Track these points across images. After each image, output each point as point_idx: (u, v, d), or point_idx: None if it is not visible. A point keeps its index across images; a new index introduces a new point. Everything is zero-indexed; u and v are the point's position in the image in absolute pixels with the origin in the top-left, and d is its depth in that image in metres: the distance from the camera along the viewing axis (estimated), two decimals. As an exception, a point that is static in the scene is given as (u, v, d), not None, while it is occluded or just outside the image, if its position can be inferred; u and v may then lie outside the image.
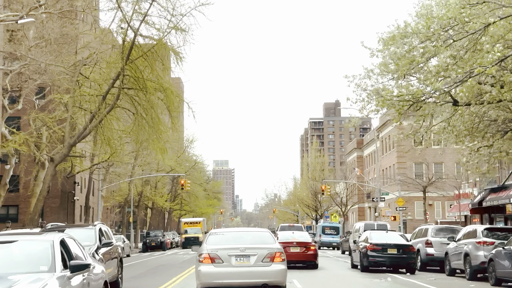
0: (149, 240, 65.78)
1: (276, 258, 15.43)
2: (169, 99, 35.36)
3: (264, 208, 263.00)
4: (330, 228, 66.65)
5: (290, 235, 31.93)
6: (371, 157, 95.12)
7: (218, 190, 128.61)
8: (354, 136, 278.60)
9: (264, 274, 15.25)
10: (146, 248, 65.41)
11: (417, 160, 75.05)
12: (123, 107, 36.48)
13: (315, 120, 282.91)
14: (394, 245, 26.48)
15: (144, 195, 74.17)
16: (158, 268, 30.73)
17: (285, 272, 15.64)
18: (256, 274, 15.21)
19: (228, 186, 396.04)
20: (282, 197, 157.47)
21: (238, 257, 15.29)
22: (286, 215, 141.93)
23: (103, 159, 43.34)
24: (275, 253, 15.49)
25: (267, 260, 15.36)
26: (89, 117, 34.82)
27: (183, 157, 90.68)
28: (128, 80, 34.54)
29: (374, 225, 43.46)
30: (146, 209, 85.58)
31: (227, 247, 15.56)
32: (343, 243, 51.34)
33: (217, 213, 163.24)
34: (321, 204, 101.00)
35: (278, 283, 15.52)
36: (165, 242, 66.38)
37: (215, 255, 15.32)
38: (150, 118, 34.89)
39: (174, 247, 77.66)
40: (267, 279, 15.27)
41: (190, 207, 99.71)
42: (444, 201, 74.46)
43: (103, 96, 34.23)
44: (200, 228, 74.86)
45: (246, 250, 15.34)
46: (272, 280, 15.35)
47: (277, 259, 15.44)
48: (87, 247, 15.83)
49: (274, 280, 15.38)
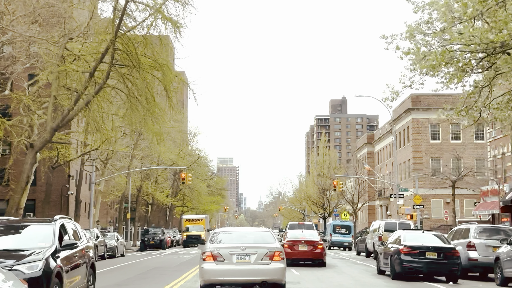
0: (148, 238, 61.43)
1: (275, 257, 16.08)
2: (167, 77, 30.90)
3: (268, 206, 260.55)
4: (342, 226, 62.19)
5: (299, 233, 32.07)
6: (384, 152, 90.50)
7: (222, 187, 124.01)
8: (361, 133, 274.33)
9: (263, 272, 15.90)
10: (145, 247, 61.09)
11: (434, 156, 70.51)
12: (114, 87, 32.07)
13: (321, 117, 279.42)
14: (434, 248, 21.90)
15: (144, 190, 69.72)
16: (150, 273, 26.30)
17: (283, 270, 16.21)
18: (256, 272, 15.89)
19: (232, 184, 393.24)
20: (288, 195, 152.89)
21: (239, 255, 15.99)
22: (292, 213, 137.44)
23: (93, 147, 38.78)
24: (274, 252, 16.11)
25: (266, 258, 15.99)
26: (74, 98, 30.34)
27: (186, 151, 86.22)
28: (119, 55, 30.11)
29: (396, 224, 38.93)
30: (147, 206, 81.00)
31: (228, 246, 16.25)
32: (359, 243, 46.86)
33: (220, 211, 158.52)
34: (330, 201, 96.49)
35: (277, 281, 16.14)
36: (165, 241, 62.01)
37: (217, 253, 16.00)
38: (145, 99, 30.48)
39: (175, 245, 73.30)
40: (266, 277, 15.91)
41: (192, 203, 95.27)
42: (463, 199, 69.85)
43: (90, 73, 29.80)
44: (202, 226, 70.42)
45: (246, 249, 16.04)
46: (271, 278, 15.98)
47: (276, 257, 16.09)
48: (39, 251, 11.43)
49: (273, 278, 16.01)
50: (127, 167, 58.93)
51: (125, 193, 62.10)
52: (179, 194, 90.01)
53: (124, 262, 35.54)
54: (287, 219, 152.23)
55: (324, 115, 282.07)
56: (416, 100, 71.39)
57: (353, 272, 26.86)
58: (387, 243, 24.71)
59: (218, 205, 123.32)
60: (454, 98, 72.28)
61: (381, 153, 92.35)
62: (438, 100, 71.31)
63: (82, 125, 40.77)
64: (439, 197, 70.17)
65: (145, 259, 39.78)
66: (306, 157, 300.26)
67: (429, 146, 70.64)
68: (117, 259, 40.44)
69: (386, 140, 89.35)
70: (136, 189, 68.59)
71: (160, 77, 31.22)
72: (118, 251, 42.80)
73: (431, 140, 70.73)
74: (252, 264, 15.96)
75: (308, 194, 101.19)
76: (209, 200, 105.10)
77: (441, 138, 70.64)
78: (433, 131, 70.78)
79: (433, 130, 70.81)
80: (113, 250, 41.69)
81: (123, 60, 30.10)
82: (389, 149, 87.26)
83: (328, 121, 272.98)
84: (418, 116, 70.98)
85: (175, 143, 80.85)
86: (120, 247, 43.67)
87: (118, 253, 43.04)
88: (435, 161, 70.54)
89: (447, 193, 70.05)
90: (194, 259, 36.73)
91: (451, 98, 73.93)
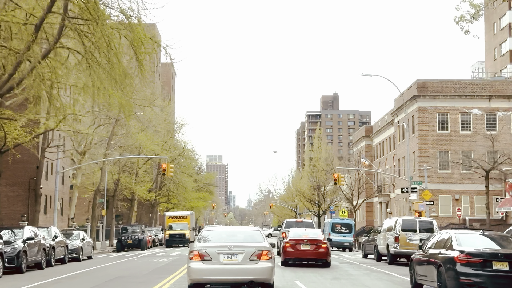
0: (125, 237, 54.75)
1: (263, 256, 15.89)
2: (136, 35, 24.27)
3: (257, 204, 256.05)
4: (342, 225, 55.88)
5: (302, 232, 30.38)
6: (384, 145, 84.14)
7: (211, 182, 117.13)
8: (353, 130, 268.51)
9: (251, 272, 15.73)
10: (122, 247, 54.46)
11: (442, 147, 64.18)
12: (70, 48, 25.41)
13: (312, 113, 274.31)
14: (505, 256, 15.35)
15: (122, 184, 62.94)
16: (108, 284, 19.73)
17: (271, 269, 15.96)
18: (243, 271, 15.71)
19: (221, 182, 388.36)
20: (279, 192, 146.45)
21: (226, 254, 15.82)
22: (283, 211, 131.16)
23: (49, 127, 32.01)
24: (262, 251, 15.96)
25: (254, 258, 15.84)
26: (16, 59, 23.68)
27: (171, 143, 79.42)
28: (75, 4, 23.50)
29: (416, 222, 32.56)
30: (131, 202, 74.01)
31: (216, 245, 16.09)
32: (366, 244, 40.43)
33: (209, 208, 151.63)
34: (325, 198, 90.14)
35: (264, 280, 15.95)
36: (144, 240, 55.37)
37: (204, 252, 15.82)
38: (107, 61, 23.87)
39: (157, 245, 66.66)
40: (253, 276, 15.73)
41: (178, 199, 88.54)
42: (473, 195, 63.67)
43: (36, 26, 23.13)
44: (187, 224, 63.83)
45: (234, 248, 15.86)
46: (258, 278, 15.79)
47: (264, 257, 15.90)
48: None
49: (260, 278, 15.82)
50: (102, 156, 52.21)
51: (99, 187, 55.24)
52: (163, 189, 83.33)
53: (86, 268, 28.93)
54: (278, 217, 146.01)
55: (316, 111, 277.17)
56: (423, 86, 65.10)
57: (379, 285, 20.37)
58: (426, 248, 18.20)
59: (206, 202, 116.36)
60: (463, 85, 66.64)
61: (380, 147, 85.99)
62: (446, 87, 65.16)
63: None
64: (447, 193, 63.93)
65: (114, 263, 33.19)
66: (297, 154, 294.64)
67: (436, 137, 64.32)
68: (81, 263, 33.82)
69: (387, 132, 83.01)
70: (114, 182, 61.85)
71: (128, 36, 24.57)
72: (83, 253, 36.12)
73: (438, 131, 64.41)
74: (240, 263, 15.78)
75: (302, 190, 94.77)
76: (196, 196, 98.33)
77: (449, 129, 64.32)
78: (441, 121, 64.44)
79: (441, 120, 64.48)
80: (76, 252, 35.04)
81: (80, 10, 23.47)
82: (391, 141, 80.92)
83: (320, 118, 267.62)
84: (425, 104, 64.62)
85: (159, 133, 74.10)
86: (86, 249, 36.95)
87: (84, 255, 36.38)
88: (443, 153, 64.24)
89: (456, 189, 63.95)
90: (172, 264, 30.26)
91: (461, 85, 67.98)
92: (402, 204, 71.89)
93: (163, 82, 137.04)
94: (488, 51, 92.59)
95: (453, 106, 64.29)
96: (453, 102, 64.30)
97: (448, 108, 64.35)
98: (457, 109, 64.27)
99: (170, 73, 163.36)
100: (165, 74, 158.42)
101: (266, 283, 16.01)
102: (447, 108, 64.38)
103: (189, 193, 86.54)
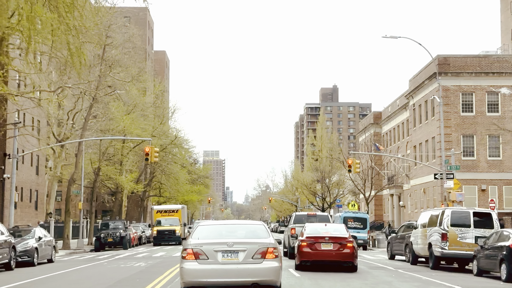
0: (105, 234, 47.11)
1: (268, 254, 13.93)
2: None
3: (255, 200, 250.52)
4: (355, 219, 48.50)
5: (321, 227, 24.21)
6: (396, 132, 76.56)
7: (206, 175, 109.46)
8: (353, 123, 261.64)
9: (254, 272, 13.80)
10: (101, 245, 46.88)
11: (466, 132, 56.56)
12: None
13: (311, 105, 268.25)
14: None
15: (104, 174, 55.30)
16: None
17: (278, 270, 14.02)
18: (245, 272, 13.77)
19: (218, 177, 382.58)
20: (279, 185, 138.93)
21: (225, 253, 13.91)
22: (283, 206, 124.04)
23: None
24: (267, 248, 13.97)
25: (258, 256, 13.88)
26: None
27: (161, 129, 71.64)
28: None
29: (469, 213, 24.87)
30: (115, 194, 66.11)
31: (213, 242, 14.08)
32: (393, 243, 32.86)
33: (204, 203, 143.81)
34: (330, 190, 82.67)
35: (270, 283, 13.97)
36: (127, 237, 47.80)
37: (199, 250, 13.89)
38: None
39: (145, 243, 59.08)
40: (257, 278, 13.79)
41: (169, 192, 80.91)
42: (502, 185, 56.19)
43: None
44: (177, 219, 56.13)
45: (234, 245, 13.91)
46: (263, 279, 13.84)
47: (269, 255, 13.93)
48: None
49: (266, 279, 13.87)
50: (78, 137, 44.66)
51: (74, 176, 47.53)
52: (153, 181, 75.76)
53: (26, 278, 21.33)
54: (278, 212, 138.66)
55: (315, 103, 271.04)
56: (444, 62, 57.43)
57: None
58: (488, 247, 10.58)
59: (201, 196, 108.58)
60: (490, 60, 58.90)
61: (392, 133, 78.34)
62: (470, 63, 57.51)
63: None
64: (472, 183, 56.28)
65: (75, 268, 25.60)
66: (295, 148, 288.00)
67: (460, 120, 56.68)
68: (33, 268, 26.25)
69: (399, 117, 75.45)
70: (94, 172, 54.21)
71: None
72: (39, 256, 28.46)
73: (462, 113, 56.74)
74: (241, 263, 13.76)
75: (305, 182, 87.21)
76: (190, 189, 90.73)
77: (474, 110, 56.68)
78: (465, 101, 56.79)
79: (465, 100, 56.82)
80: (29, 255, 27.41)
81: None
82: (404, 127, 73.36)
83: (319, 110, 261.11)
84: (447, 83, 56.75)
85: (148, 118, 66.43)
86: (44, 250, 29.22)
87: (41, 258, 28.76)
88: (467, 138, 56.64)
89: (483, 178, 56.38)
90: (148, 272, 22.77)
91: (487, 61, 60.37)
92: (419, 196, 64.37)
93: (156, 72, 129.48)
94: (504, 32, 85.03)
95: (479, 84, 56.67)
96: (479, 80, 56.67)
97: (473, 87, 56.74)
98: (483, 88, 56.65)
99: (164, 61, 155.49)
100: (158, 63, 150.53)
101: (272, 285, 14.02)
102: (472, 87, 56.77)
103: (181, 185, 78.90)
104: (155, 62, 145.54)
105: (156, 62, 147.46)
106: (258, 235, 14.61)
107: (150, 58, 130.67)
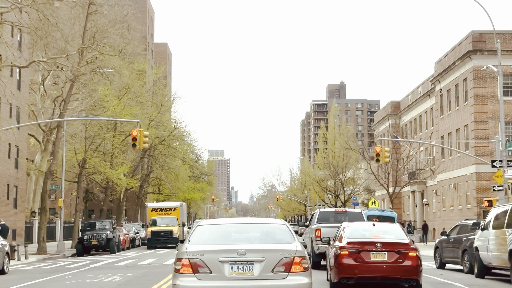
0: (89, 236, 40.04)
1: (295, 266, 10.11)
2: None
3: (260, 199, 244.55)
4: (381, 219, 41.28)
5: (368, 229, 16.57)
6: (419, 121, 69.42)
7: (210, 172, 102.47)
8: (362, 120, 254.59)
9: None
10: (84, 249, 39.81)
11: (506, 118, 49.38)
12: None
13: (318, 102, 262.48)
14: None
15: (90, 166, 48.37)
16: None
17: None
18: None
19: (223, 177, 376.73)
20: (286, 183, 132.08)
21: (235, 264, 10.15)
22: (291, 205, 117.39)
23: None
24: (294, 258, 10.16)
25: (280, 269, 10.08)
26: None
27: (160, 120, 64.57)
28: None
29: None
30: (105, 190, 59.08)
31: (218, 249, 10.28)
32: (444, 248, 25.69)
33: (208, 202, 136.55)
34: (344, 187, 75.66)
35: None
36: (115, 240, 40.84)
37: (199, 260, 10.17)
38: None
39: (138, 245, 52.15)
40: None
41: (169, 190, 73.99)
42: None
43: None
44: (175, 218, 49.17)
45: (247, 253, 10.13)
46: None
47: (296, 267, 10.11)
48: None
49: None
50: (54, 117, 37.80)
51: (51, 168, 40.49)
52: (150, 176, 68.90)
53: None
54: (285, 212, 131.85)
55: (322, 100, 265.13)
56: (479, 39, 50.44)
57: None
58: None
59: (204, 194, 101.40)
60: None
61: (413, 124, 71.12)
62: (510, 40, 50.51)
63: None
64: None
65: (24, 285, 18.68)
66: (302, 146, 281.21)
67: (498, 105, 49.46)
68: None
69: (422, 105, 68.35)
70: (79, 164, 47.29)
71: None
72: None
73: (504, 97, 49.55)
74: (257, 278, 10.01)
75: (317, 178, 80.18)
76: (192, 186, 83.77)
77: (516, 93, 49.71)
78: (504, 84, 49.66)
79: (504, 82, 49.69)
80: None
81: None
82: (428, 116, 66.23)
83: (326, 107, 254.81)
84: (482, 63, 49.50)
85: (144, 106, 59.49)
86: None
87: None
88: (508, 125, 49.50)
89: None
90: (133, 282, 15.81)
91: (528, 37, 53.48)
92: (447, 192, 57.20)
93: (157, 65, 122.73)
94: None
95: (520, 64, 49.68)
96: (520, 60, 49.68)
97: (514, 67, 49.75)
98: (525, 68, 49.65)
99: (165, 54, 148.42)
100: (159, 55, 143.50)
101: None
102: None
103: (182, 181, 72.01)
104: (155, 54, 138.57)
105: (157, 55, 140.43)
106: (279, 239, 10.82)
107: (150, 49, 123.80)
